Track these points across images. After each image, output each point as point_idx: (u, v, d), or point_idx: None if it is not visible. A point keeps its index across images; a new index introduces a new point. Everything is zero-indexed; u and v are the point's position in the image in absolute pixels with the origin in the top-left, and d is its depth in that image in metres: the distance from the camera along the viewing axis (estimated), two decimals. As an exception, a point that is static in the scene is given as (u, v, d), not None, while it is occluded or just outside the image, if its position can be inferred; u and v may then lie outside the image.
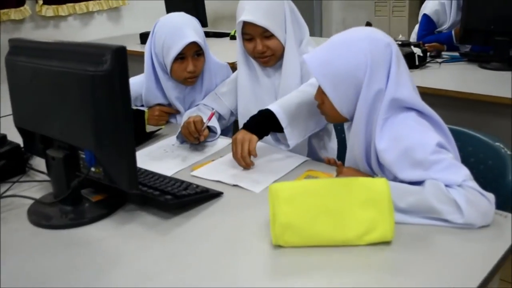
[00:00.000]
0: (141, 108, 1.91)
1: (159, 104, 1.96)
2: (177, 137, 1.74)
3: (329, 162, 1.52)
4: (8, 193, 1.38)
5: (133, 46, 3.91)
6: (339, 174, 1.31)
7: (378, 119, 1.25)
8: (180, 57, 1.81)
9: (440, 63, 2.82)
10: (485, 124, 2.31)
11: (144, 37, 4.03)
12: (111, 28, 4.57)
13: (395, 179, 1.25)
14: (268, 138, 1.59)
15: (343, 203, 1.05)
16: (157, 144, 1.77)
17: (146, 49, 1.88)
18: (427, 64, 2.78)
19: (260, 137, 1.52)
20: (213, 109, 1.83)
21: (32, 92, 1.24)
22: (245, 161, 1.47)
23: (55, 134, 1.22)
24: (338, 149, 1.88)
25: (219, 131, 1.77)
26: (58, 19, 4.23)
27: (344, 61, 1.27)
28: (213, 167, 1.51)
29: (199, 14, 4.13)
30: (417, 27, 3.53)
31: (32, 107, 1.27)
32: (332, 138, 1.89)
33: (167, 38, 1.80)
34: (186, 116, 1.83)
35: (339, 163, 1.49)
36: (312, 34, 6.49)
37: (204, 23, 4.23)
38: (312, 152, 1.80)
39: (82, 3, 4.30)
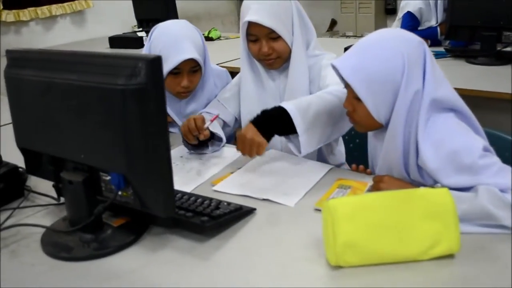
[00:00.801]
0: None
1: None
2: (183, 143, 1.64)
3: (357, 169, 1.44)
4: (10, 221, 1.24)
5: (103, 50, 3.75)
6: (378, 183, 1.24)
7: (419, 121, 1.19)
8: (175, 71, 1.70)
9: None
10: (480, 120, 2.30)
11: (114, 41, 3.85)
12: (75, 33, 4.37)
13: (435, 184, 1.19)
14: (274, 141, 1.51)
15: (405, 217, 0.98)
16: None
17: (143, 53, 1.76)
18: (415, 61, 2.76)
19: (269, 140, 1.43)
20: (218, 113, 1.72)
21: (43, 109, 1.10)
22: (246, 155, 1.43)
23: (73, 156, 1.09)
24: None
25: (224, 139, 1.67)
26: (20, 25, 4.00)
27: (380, 64, 1.20)
28: (234, 180, 1.41)
29: (170, 14, 3.99)
30: (394, 24, 3.53)
31: (41, 126, 1.13)
32: (339, 141, 1.82)
33: (163, 49, 1.67)
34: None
35: (368, 171, 1.42)
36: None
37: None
38: (320, 157, 1.73)
39: (44, 7, 4.08)
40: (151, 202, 1.01)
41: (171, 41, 1.67)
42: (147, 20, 4.05)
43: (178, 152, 1.66)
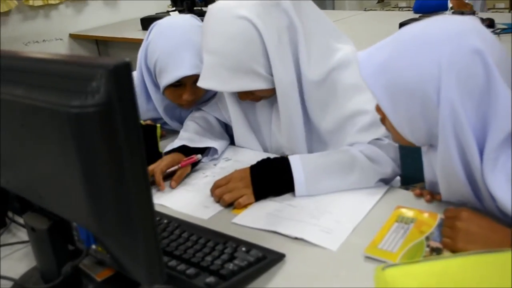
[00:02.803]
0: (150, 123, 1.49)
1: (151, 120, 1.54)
2: None
3: (421, 194, 1.09)
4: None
5: (134, 33, 3.49)
6: (453, 220, 0.88)
7: (484, 159, 0.85)
8: (176, 84, 1.38)
9: (499, 34, 2.37)
10: None
11: (145, 22, 3.58)
12: (107, 15, 4.11)
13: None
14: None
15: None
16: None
17: (139, 54, 1.45)
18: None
19: (258, 199, 1.12)
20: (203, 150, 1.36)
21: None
22: (220, 202, 1.13)
23: (32, 196, 0.80)
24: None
25: (219, 151, 1.38)
26: (48, 8, 3.78)
27: (410, 69, 0.87)
28: (261, 209, 1.10)
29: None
30: None
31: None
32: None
33: (160, 59, 1.36)
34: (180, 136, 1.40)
35: (438, 197, 1.06)
36: (322, 7, 6.00)
37: (211, 2, 3.79)
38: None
39: (74, -12, 3.84)
40: (130, 267, 0.72)
41: (170, 51, 1.34)
42: (181, -1, 3.76)
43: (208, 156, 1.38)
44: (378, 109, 0.98)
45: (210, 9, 1.20)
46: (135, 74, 1.50)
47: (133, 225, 0.67)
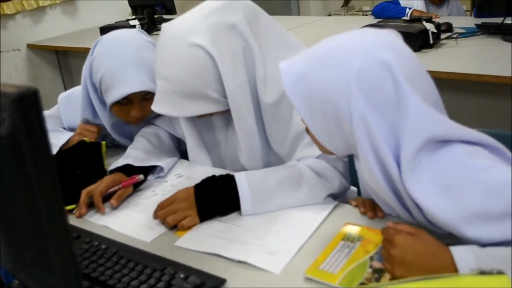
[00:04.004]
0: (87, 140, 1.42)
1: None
2: None
3: (363, 208, 1.06)
4: None
5: (94, 42, 3.42)
6: (389, 249, 0.83)
7: (403, 170, 0.85)
8: (123, 102, 1.34)
9: (456, 38, 2.39)
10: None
11: (105, 31, 3.50)
12: (67, 24, 4.02)
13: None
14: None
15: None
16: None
17: (83, 69, 1.40)
18: (442, 41, 2.35)
19: (203, 220, 1.09)
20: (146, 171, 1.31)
21: None
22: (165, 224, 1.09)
23: None
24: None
25: (166, 169, 1.33)
26: (5, 19, 3.67)
27: (323, 81, 0.88)
28: (206, 229, 1.06)
29: (166, 0, 3.64)
30: None
31: None
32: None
33: (106, 76, 1.31)
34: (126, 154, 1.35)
35: (380, 214, 1.03)
36: (287, 12, 5.89)
37: (172, 11, 3.74)
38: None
39: (31, -3, 3.74)
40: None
41: (116, 68, 1.30)
42: (141, 7, 3.70)
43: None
44: (303, 119, 0.97)
45: (163, 31, 1.17)
46: (80, 89, 1.45)
47: (51, 262, 0.63)
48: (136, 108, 1.35)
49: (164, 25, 1.18)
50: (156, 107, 1.18)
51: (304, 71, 0.91)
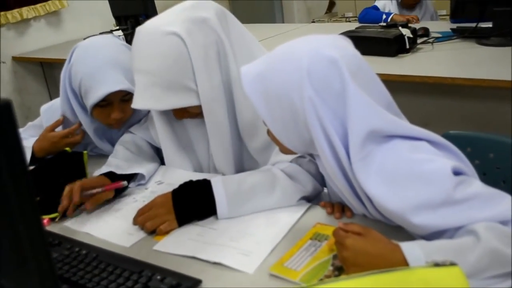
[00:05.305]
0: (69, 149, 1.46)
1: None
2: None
3: (331, 211, 1.10)
4: None
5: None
6: (341, 251, 0.87)
7: (352, 162, 0.91)
8: (103, 104, 1.38)
9: (432, 43, 2.45)
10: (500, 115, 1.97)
11: (89, 43, 3.54)
12: (52, 35, 4.04)
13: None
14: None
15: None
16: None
17: (61, 77, 1.43)
18: (418, 46, 2.41)
19: (181, 224, 1.12)
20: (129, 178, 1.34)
21: None
22: (144, 229, 1.12)
23: None
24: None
25: (147, 176, 1.36)
26: (-11, 32, 3.70)
27: (279, 77, 0.95)
28: (185, 233, 1.10)
29: (148, 8, 3.67)
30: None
31: None
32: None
33: (84, 79, 1.35)
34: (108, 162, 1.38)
35: (348, 214, 1.08)
36: (272, 20, 5.90)
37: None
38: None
39: (15, 10, 3.76)
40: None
41: (94, 70, 1.34)
42: (125, 17, 3.73)
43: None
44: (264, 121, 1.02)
45: (138, 30, 1.20)
46: (59, 99, 1.49)
47: (29, 271, 0.66)
48: (116, 110, 1.39)
49: (138, 28, 1.21)
50: (136, 102, 1.17)
51: (261, 71, 0.97)
